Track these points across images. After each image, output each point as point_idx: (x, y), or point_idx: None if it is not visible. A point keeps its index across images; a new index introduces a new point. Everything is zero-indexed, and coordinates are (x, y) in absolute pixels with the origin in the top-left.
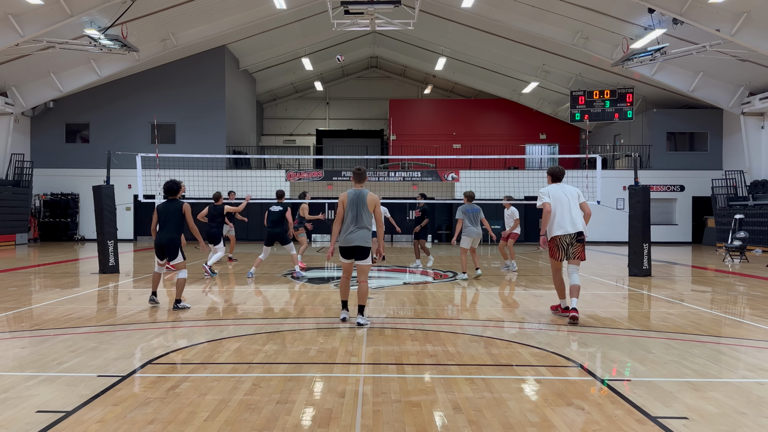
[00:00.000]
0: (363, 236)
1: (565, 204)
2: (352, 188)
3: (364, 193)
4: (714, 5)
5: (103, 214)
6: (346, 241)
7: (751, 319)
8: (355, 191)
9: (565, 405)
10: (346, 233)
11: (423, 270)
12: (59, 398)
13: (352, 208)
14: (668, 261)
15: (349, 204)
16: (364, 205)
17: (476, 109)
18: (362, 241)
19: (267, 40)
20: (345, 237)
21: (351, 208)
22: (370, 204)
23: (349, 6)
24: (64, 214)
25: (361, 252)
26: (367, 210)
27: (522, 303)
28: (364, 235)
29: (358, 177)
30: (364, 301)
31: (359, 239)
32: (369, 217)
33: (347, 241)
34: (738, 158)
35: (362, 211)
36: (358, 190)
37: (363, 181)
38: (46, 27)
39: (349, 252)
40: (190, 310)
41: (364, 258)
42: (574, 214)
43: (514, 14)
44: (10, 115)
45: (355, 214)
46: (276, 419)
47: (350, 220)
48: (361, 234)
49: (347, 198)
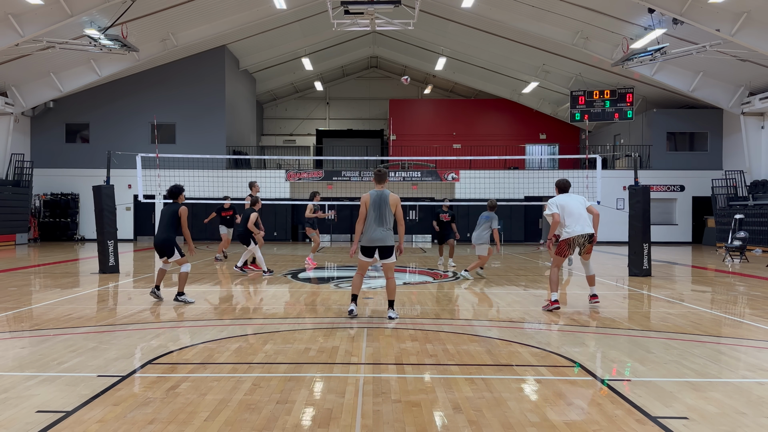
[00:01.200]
0: (387, 236)
1: (575, 210)
2: (374, 189)
3: (386, 193)
4: (714, 5)
5: (103, 214)
6: (371, 240)
7: (751, 319)
8: (378, 192)
9: (565, 405)
10: (371, 233)
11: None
12: (59, 398)
13: (375, 208)
14: (668, 261)
15: (372, 204)
16: (387, 205)
17: (476, 109)
18: (387, 240)
19: (267, 40)
20: (369, 236)
21: (374, 209)
22: (393, 204)
23: (349, 6)
24: (64, 214)
25: (386, 251)
26: (390, 210)
27: (522, 303)
28: (388, 235)
29: (380, 178)
30: (393, 296)
31: (384, 238)
32: (391, 217)
33: (372, 241)
34: (738, 158)
35: (385, 211)
36: (380, 191)
37: (384, 181)
38: (46, 27)
39: (372, 251)
40: (190, 310)
41: (389, 256)
42: (586, 218)
43: (514, 14)
44: (10, 115)
45: (377, 214)
46: (276, 419)
47: (373, 220)
48: (385, 233)
49: (370, 198)
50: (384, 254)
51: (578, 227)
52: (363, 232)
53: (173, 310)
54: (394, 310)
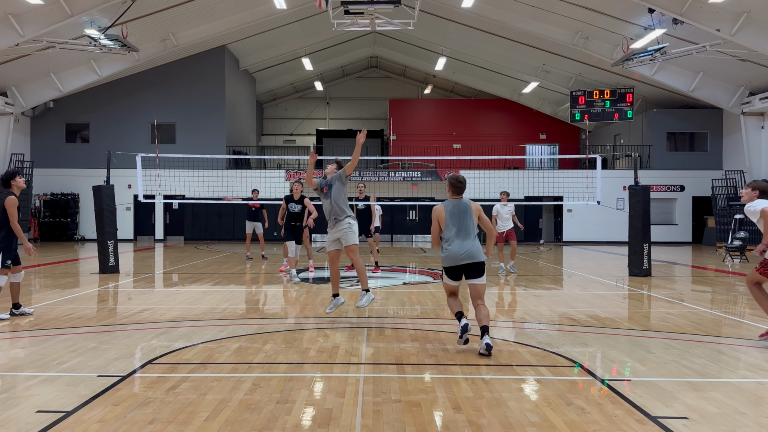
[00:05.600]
0: (476, 250)
1: None
2: (449, 200)
3: (465, 202)
4: (714, 5)
5: (103, 214)
6: (457, 259)
7: (751, 319)
8: (454, 202)
9: (565, 405)
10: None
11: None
12: (59, 398)
13: (455, 222)
14: (668, 261)
15: (451, 217)
16: (469, 217)
17: (476, 109)
18: (477, 255)
19: (267, 40)
20: (453, 255)
21: (453, 222)
22: (476, 212)
23: (349, 6)
24: (64, 214)
25: (475, 269)
26: (473, 221)
27: (522, 303)
28: (476, 249)
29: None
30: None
31: (473, 254)
32: (475, 229)
33: (457, 260)
34: (738, 158)
35: (468, 223)
36: (458, 201)
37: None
38: (46, 27)
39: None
40: (191, 310)
41: (481, 275)
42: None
43: (514, 14)
44: (10, 115)
45: (459, 227)
46: (276, 419)
47: (455, 235)
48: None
49: (445, 211)
50: (473, 273)
51: None
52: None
53: (173, 310)
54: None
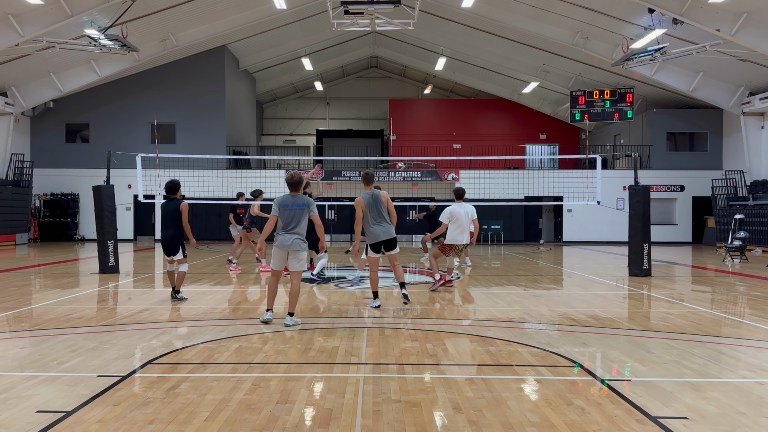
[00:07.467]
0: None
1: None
2: (364, 192)
3: (377, 193)
4: (714, 5)
5: (103, 214)
6: (377, 237)
7: (751, 319)
8: (369, 194)
9: (565, 405)
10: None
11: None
12: (59, 398)
13: (372, 208)
14: (668, 261)
15: (368, 206)
16: (381, 204)
17: (476, 109)
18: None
19: (267, 40)
20: (374, 234)
21: (371, 209)
22: (386, 200)
23: (349, 6)
24: (64, 214)
25: (391, 243)
26: (384, 206)
27: (522, 303)
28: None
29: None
30: (403, 278)
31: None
32: (386, 213)
33: (377, 237)
34: (738, 158)
35: (382, 209)
36: (371, 192)
37: (372, 183)
38: (46, 27)
39: (380, 246)
40: (190, 310)
41: (395, 247)
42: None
43: (514, 14)
44: (10, 115)
45: (376, 213)
46: (276, 419)
47: (373, 219)
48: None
49: (364, 201)
50: (390, 246)
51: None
52: (365, 232)
53: (173, 310)
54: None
